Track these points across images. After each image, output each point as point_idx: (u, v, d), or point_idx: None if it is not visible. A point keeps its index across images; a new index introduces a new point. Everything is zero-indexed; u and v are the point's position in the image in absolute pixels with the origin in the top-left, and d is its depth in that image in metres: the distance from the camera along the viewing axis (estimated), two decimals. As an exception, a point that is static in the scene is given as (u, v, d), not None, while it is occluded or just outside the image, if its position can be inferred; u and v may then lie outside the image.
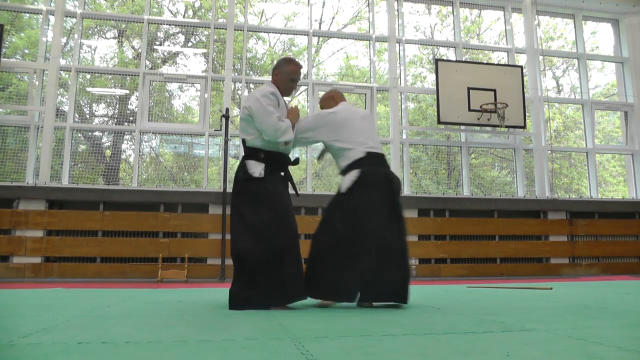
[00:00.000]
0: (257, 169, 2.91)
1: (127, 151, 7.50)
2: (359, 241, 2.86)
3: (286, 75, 3.07)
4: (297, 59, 3.27)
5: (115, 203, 6.18)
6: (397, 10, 7.60)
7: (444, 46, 8.22)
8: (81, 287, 4.81)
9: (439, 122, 7.02)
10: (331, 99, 3.32)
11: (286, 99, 3.23)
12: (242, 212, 2.91)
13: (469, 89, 7.10)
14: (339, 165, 3.14)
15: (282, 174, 3.08)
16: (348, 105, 3.29)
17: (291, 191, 3.12)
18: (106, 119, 7.98)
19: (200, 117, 6.78)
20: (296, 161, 3.21)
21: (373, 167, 3.02)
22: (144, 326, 2.08)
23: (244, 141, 3.04)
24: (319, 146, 3.41)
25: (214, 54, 7.23)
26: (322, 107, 3.36)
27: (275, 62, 3.29)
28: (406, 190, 7.06)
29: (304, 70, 8.05)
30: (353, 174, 2.98)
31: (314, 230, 3.09)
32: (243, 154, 3.07)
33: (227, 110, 6.52)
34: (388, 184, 3.01)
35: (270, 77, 3.16)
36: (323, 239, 3.01)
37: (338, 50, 8.37)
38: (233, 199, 3.00)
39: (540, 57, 7.81)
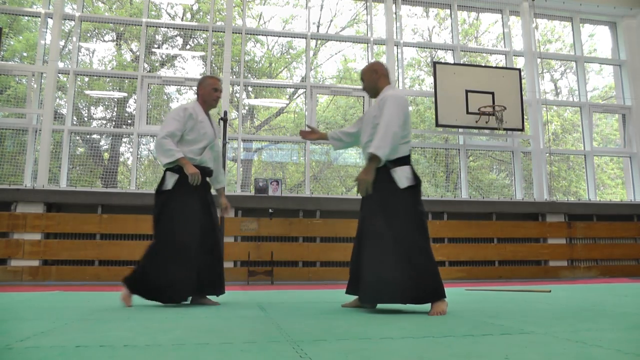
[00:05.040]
0: (170, 180, 3.23)
1: (125, 154, 7.50)
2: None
3: (209, 87, 3.40)
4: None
5: (113, 206, 6.17)
6: (395, 13, 7.62)
7: (442, 49, 8.24)
8: (79, 290, 4.80)
9: (437, 124, 7.03)
10: (383, 76, 3.13)
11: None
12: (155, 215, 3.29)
13: (467, 91, 7.12)
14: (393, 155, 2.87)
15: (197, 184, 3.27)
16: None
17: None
18: (104, 121, 7.98)
19: (199, 119, 6.77)
20: (210, 172, 3.46)
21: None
22: (142, 329, 2.08)
23: None
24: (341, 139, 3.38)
25: (212, 56, 7.23)
26: (366, 85, 3.15)
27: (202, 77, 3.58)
28: (405, 193, 7.05)
29: (302, 73, 8.09)
30: (408, 170, 2.88)
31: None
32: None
33: (225, 113, 6.50)
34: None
35: (196, 91, 3.49)
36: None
37: (336, 53, 8.38)
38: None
39: (538, 60, 7.84)
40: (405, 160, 2.91)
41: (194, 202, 3.26)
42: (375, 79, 3.11)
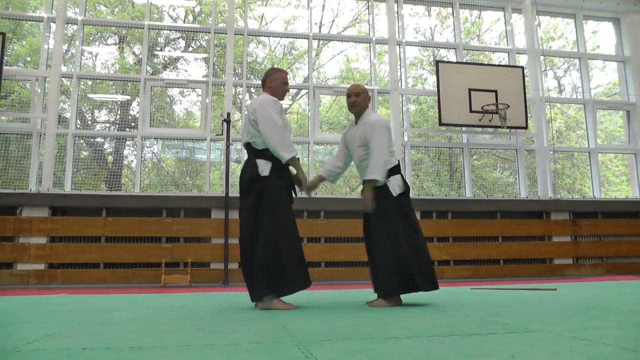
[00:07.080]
0: (266, 167, 3.09)
1: (129, 157, 7.51)
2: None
3: (279, 81, 3.28)
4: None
5: (117, 209, 6.19)
6: (397, 13, 7.61)
7: (445, 48, 8.23)
8: (85, 293, 4.82)
9: (440, 123, 7.02)
10: (369, 99, 3.46)
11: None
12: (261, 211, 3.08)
13: (470, 90, 7.10)
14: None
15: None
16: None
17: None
18: (108, 125, 8.01)
19: (202, 122, 6.80)
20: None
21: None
22: (148, 331, 2.08)
23: (249, 144, 3.16)
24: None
25: (215, 58, 7.25)
26: (360, 100, 3.38)
27: (269, 68, 3.43)
28: (408, 192, 7.05)
29: (304, 73, 8.09)
30: (399, 179, 3.30)
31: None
32: (248, 156, 3.21)
33: (229, 114, 6.53)
34: None
35: (263, 88, 3.31)
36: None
37: (338, 53, 8.38)
38: (246, 199, 3.13)
39: (541, 58, 7.81)
40: (395, 170, 3.31)
41: (287, 191, 3.21)
42: (369, 100, 3.46)
